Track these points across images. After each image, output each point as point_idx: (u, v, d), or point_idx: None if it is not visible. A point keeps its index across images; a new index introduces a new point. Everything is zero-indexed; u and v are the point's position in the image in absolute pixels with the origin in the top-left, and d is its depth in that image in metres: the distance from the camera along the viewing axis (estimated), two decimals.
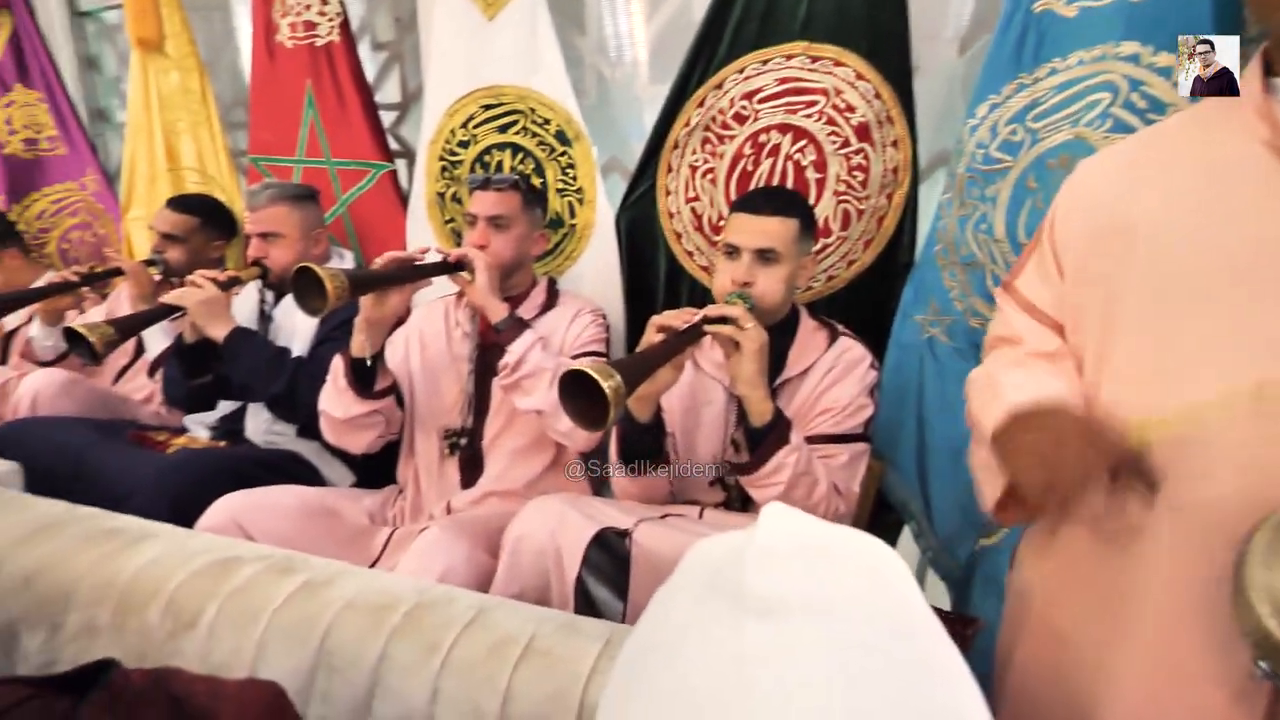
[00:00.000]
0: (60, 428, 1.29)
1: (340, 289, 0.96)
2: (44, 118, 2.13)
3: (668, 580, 0.35)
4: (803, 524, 0.32)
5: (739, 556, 0.29)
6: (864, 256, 1.37)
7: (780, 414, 0.99)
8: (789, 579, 0.28)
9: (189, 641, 0.72)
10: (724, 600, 0.28)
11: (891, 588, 0.29)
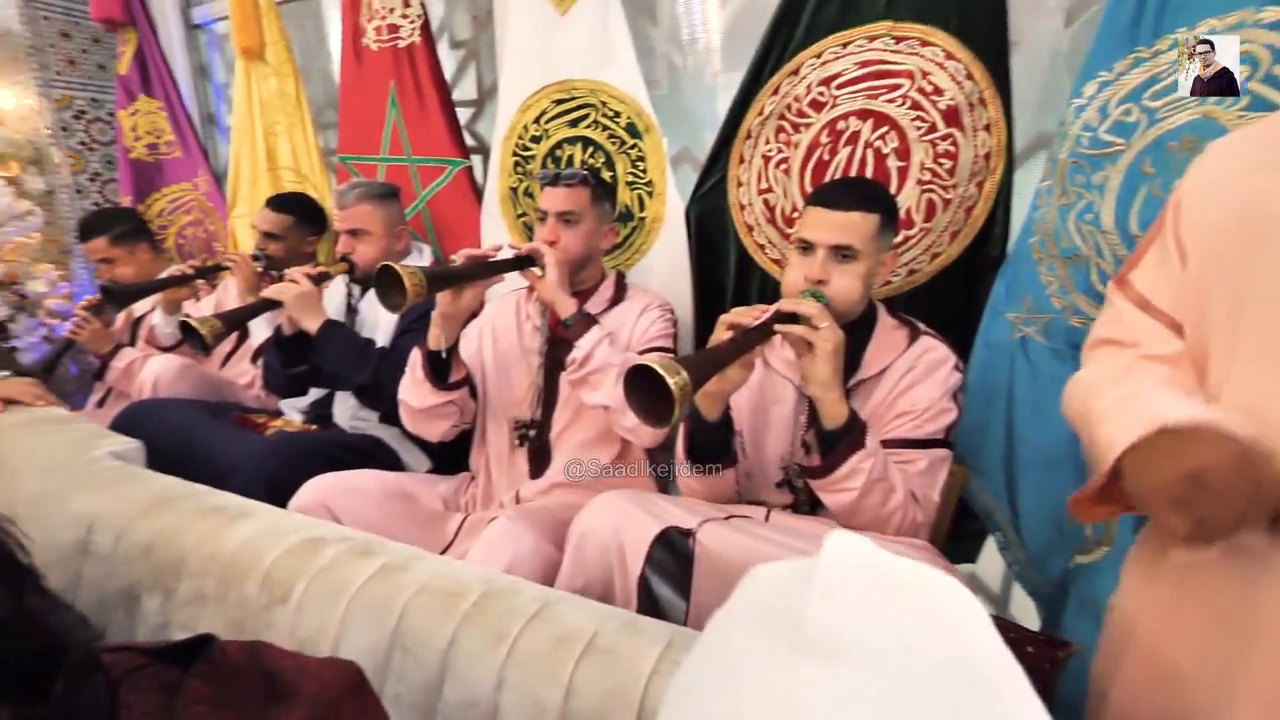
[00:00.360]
0: (176, 409, 1.43)
1: (418, 286, 1.00)
2: (163, 124, 2.33)
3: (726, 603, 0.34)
4: (871, 556, 0.30)
5: (800, 588, 0.27)
6: (949, 249, 1.29)
7: (855, 417, 0.95)
8: (852, 617, 0.26)
9: (281, 614, 0.77)
10: (782, 635, 0.27)
11: (966, 633, 0.27)
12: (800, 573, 0.30)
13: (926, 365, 1.04)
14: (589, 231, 1.29)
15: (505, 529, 0.97)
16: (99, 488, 1.00)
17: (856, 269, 1.00)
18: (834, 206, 0.99)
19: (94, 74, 2.44)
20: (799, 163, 1.38)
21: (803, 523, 1.00)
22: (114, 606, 0.89)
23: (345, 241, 1.51)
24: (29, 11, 2.27)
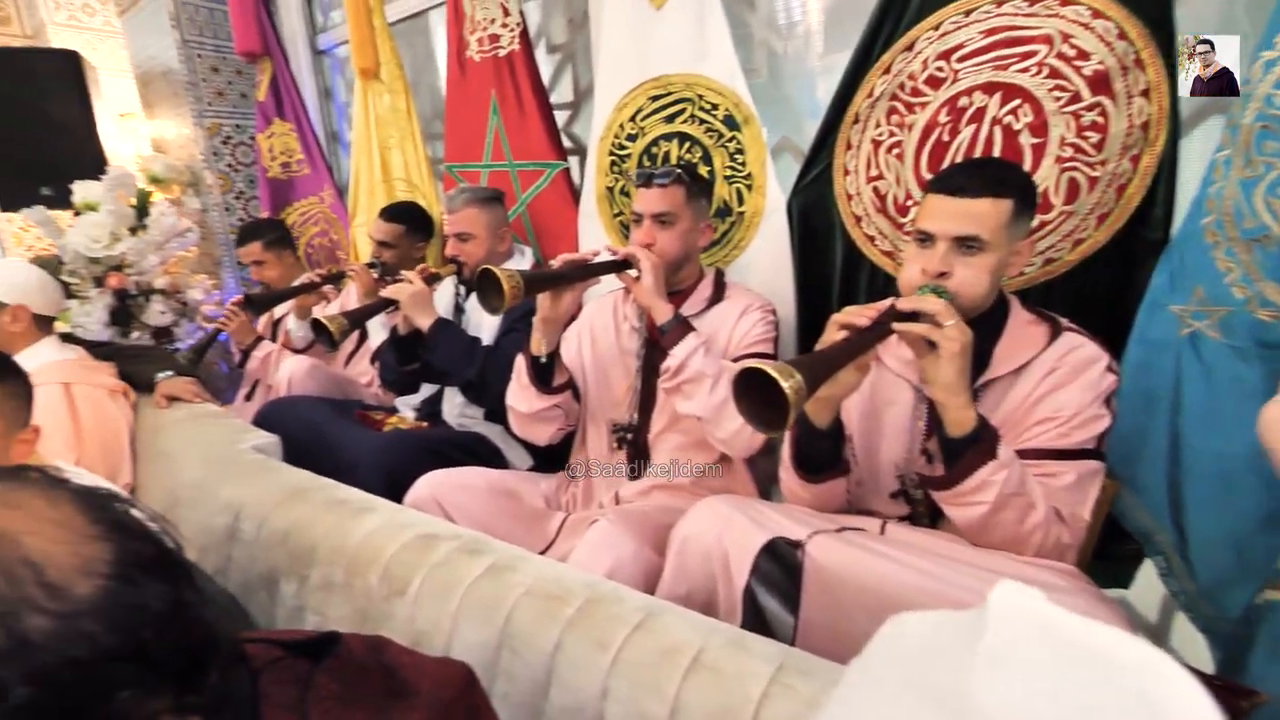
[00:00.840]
0: (307, 406, 1.56)
1: (516, 289, 1.01)
2: (294, 144, 2.55)
3: (866, 653, 0.29)
4: (1048, 617, 0.24)
5: (963, 653, 0.23)
6: (1096, 234, 1.14)
7: (985, 423, 0.85)
8: (1028, 696, 0.21)
9: (400, 606, 0.81)
10: (941, 707, 0.22)
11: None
12: (960, 631, 0.25)
13: (1073, 365, 0.92)
14: (685, 231, 1.26)
15: (607, 532, 0.96)
16: (244, 479, 1.10)
17: (984, 261, 0.90)
18: (958, 193, 0.89)
19: (238, 103, 2.72)
20: (914, 146, 1.28)
21: (923, 537, 0.92)
22: (256, 588, 0.98)
23: (453, 244, 1.58)
24: (185, 51, 2.57)
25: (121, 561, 0.35)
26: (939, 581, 0.76)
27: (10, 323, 1.41)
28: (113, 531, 0.36)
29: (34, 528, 0.33)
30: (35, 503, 0.35)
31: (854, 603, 0.80)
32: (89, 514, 0.36)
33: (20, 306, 1.42)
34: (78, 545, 0.34)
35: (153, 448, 1.45)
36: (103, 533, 0.36)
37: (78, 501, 0.36)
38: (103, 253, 2.28)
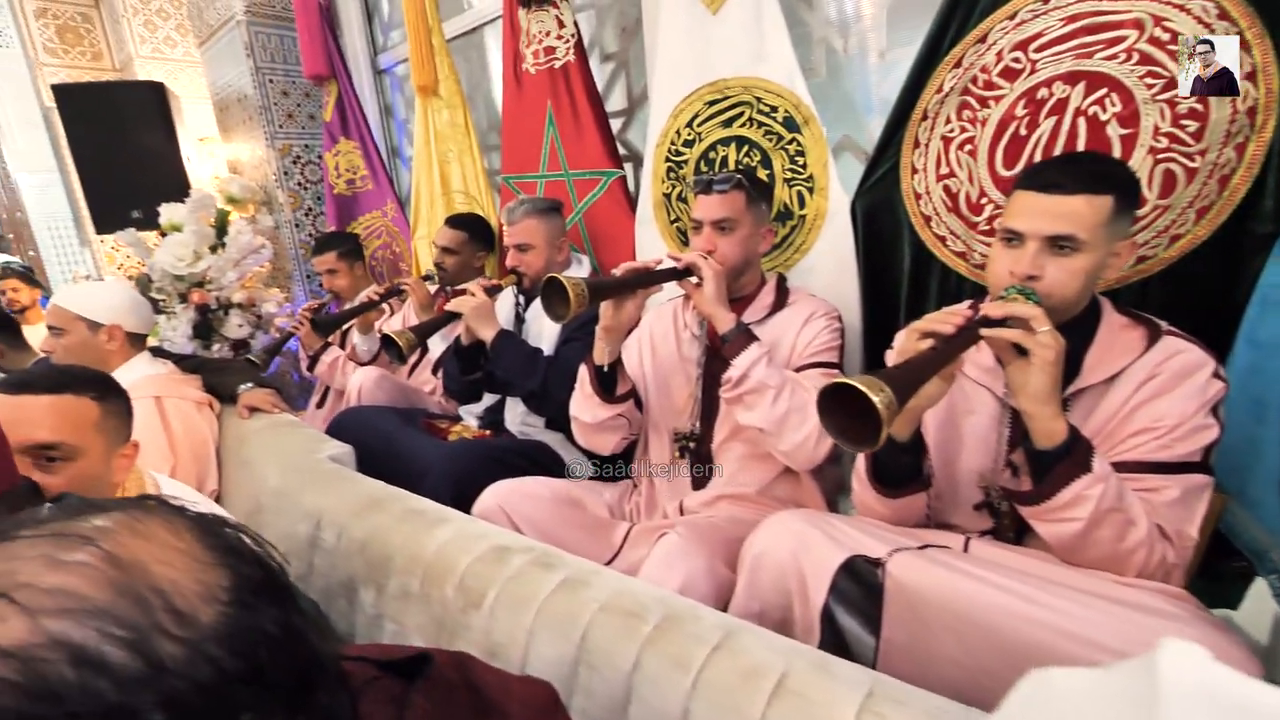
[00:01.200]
0: (377, 415, 1.61)
1: (581, 297, 1.02)
2: (358, 160, 2.66)
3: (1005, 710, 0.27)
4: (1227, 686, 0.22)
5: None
6: (1195, 230, 1.06)
7: (1077, 435, 0.80)
8: None
9: (476, 618, 0.82)
10: None
11: None
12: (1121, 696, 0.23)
13: (1175, 372, 0.86)
14: (746, 237, 1.24)
15: (677, 546, 0.95)
16: (323, 488, 1.14)
17: (1078, 262, 0.84)
18: (1052, 190, 0.84)
19: (306, 124, 2.85)
20: (988, 141, 1.22)
21: (1012, 555, 0.87)
22: (337, 595, 1.01)
23: (513, 255, 1.60)
24: (258, 77, 2.71)
25: (238, 587, 0.37)
26: (1035, 605, 0.71)
27: (106, 341, 1.52)
28: (228, 557, 0.38)
29: (161, 556, 0.35)
30: (160, 531, 0.36)
31: (941, 625, 0.77)
32: (206, 541, 0.38)
33: (115, 326, 1.52)
34: (199, 572, 0.36)
35: (237, 456, 1.53)
36: (220, 559, 0.37)
37: (195, 529, 0.38)
38: (186, 270, 2.43)
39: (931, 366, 0.76)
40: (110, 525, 0.34)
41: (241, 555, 0.39)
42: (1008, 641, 0.72)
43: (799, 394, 1.09)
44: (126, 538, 0.34)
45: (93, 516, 0.35)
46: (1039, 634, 0.70)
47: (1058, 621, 0.69)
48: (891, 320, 1.40)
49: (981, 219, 1.25)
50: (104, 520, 0.35)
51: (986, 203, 1.24)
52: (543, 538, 1.16)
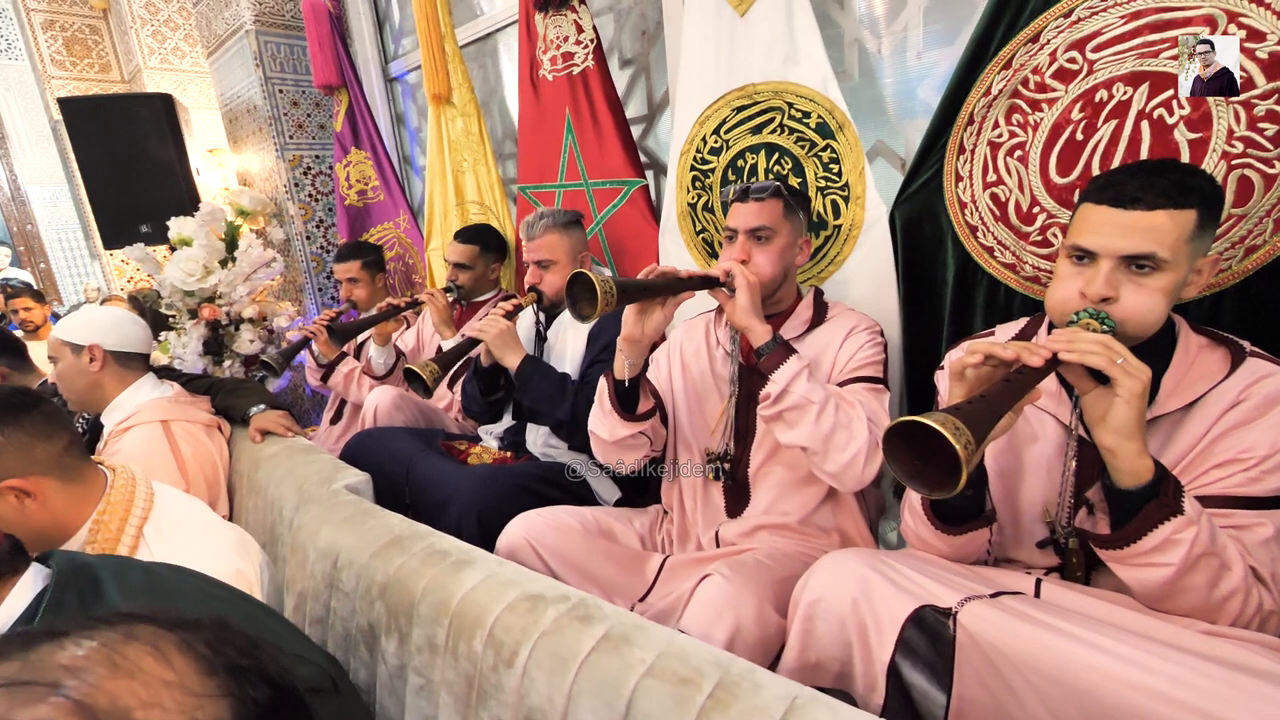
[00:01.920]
0: (395, 438, 1.55)
1: (609, 296, 0.93)
2: (369, 171, 2.61)
3: None
4: None
5: None
6: (1274, 240, 0.98)
7: (1164, 473, 0.73)
8: None
9: (509, 677, 0.75)
10: None
11: None
12: None
13: (1263, 397, 0.78)
14: (783, 248, 1.18)
15: (724, 592, 0.88)
16: (341, 523, 1.08)
17: (1159, 282, 0.77)
18: (1131, 204, 0.76)
19: (317, 134, 2.81)
20: (1040, 147, 1.15)
21: (1092, 603, 0.80)
22: (357, 643, 0.95)
23: (534, 272, 1.54)
24: (268, 88, 2.67)
25: (241, 717, 0.31)
26: (1130, 665, 0.64)
27: (89, 363, 1.44)
28: (229, 682, 0.33)
29: (146, 696, 0.29)
30: (145, 661, 0.31)
31: (1022, 682, 0.70)
32: (202, 665, 0.32)
33: (94, 345, 1.44)
34: (194, 710, 0.30)
35: (249, 481, 1.47)
36: (219, 686, 0.32)
37: (189, 652, 0.32)
38: (196, 285, 2.39)
39: (1008, 400, 0.69)
40: (83, 661, 0.28)
41: (244, 675, 0.33)
42: (1103, 707, 0.64)
43: (844, 409, 1.02)
44: (102, 676, 0.28)
45: (66, 645, 0.29)
46: (1142, 700, 0.62)
47: (1165, 688, 0.61)
48: (934, 336, 1.33)
49: (1033, 229, 1.18)
50: (77, 651, 0.29)
51: (1039, 212, 1.17)
52: (573, 573, 1.10)
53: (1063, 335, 0.75)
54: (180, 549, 0.96)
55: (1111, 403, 0.73)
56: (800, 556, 1.06)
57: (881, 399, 1.09)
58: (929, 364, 1.32)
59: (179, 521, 1.04)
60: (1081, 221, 0.82)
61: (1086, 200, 0.83)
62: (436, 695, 0.83)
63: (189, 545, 0.99)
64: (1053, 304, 0.86)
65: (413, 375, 1.29)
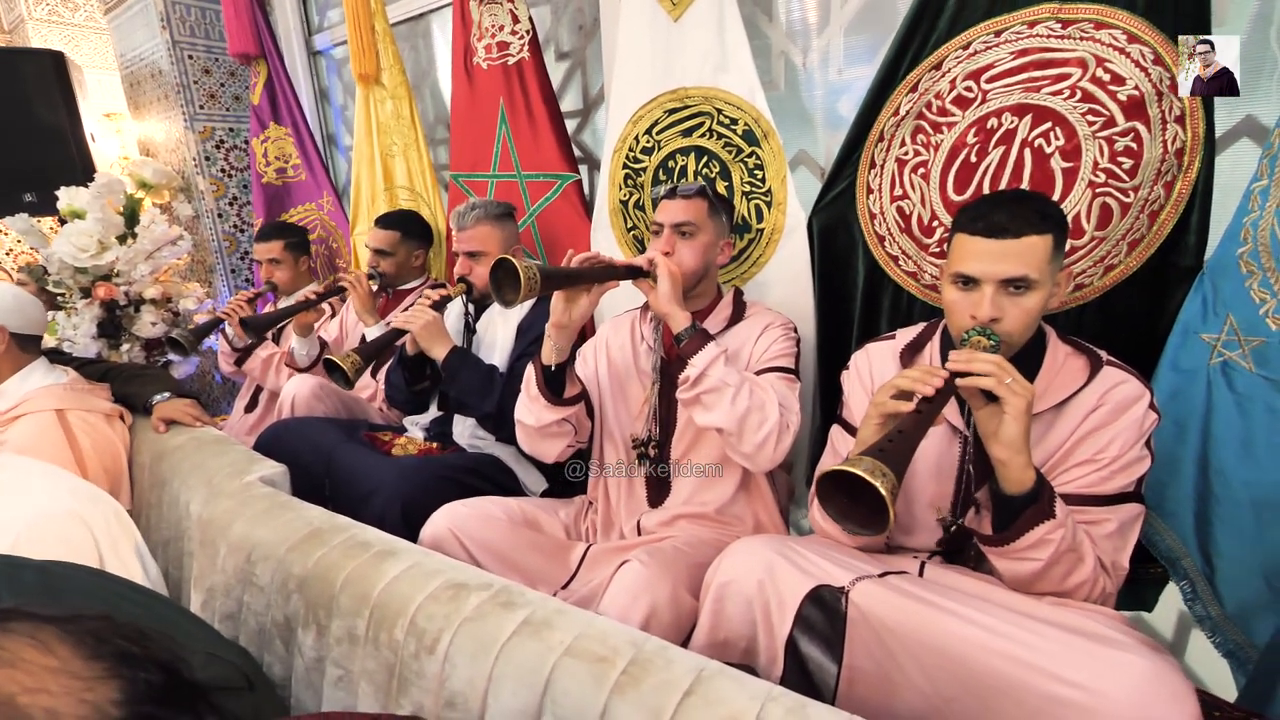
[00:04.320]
0: (315, 428, 1.51)
1: (532, 282, 0.94)
2: (290, 148, 2.48)
3: None
4: None
5: None
6: (1128, 260, 1.13)
7: (1043, 481, 0.82)
8: None
9: (430, 664, 0.77)
10: None
11: None
12: None
13: (1116, 404, 0.90)
14: (706, 245, 1.23)
15: (641, 576, 0.93)
16: (255, 516, 1.05)
17: (1033, 300, 0.87)
18: (1001, 234, 0.85)
19: (231, 106, 2.64)
20: (940, 166, 1.25)
21: (968, 581, 0.90)
22: (272, 638, 0.94)
23: (463, 262, 1.53)
24: (176, 52, 2.48)
25: (133, 699, 0.32)
26: (997, 635, 0.74)
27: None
28: (118, 665, 0.33)
29: (30, 683, 0.30)
30: (26, 652, 0.31)
31: (905, 653, 0.78)
32: (86, 650, 0.32)
33: (1, 328, 1.34)
34: (83, 692, 0.31)
35: (152, 474, 1.40)
36: (107, 669, 0.32)
37: (70, 639, 0.33)
38: (90, 262, 2.21)
39: (920, 431, 0.76)
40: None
41: (133, 660, 0.34)
42: (971, 670, 0.74)
43: (758, 392, 1.07)
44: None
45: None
46: (1000, 664, 0.72)
47: (1019, 653, 0.71)
48: (845, 336, 1.43)
49: (932, 241, 1.29)
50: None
51: (937, 225, 1.27)
52: (498, 563, 1.12)
53: (959, 358, 0.83)
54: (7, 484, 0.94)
55: (1001, 419, 0.81)
56: (715, 543, 1.12)
57: (793, 387, 1.17)
58: (840, 362, 1.42)
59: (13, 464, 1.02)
60: (961, 251, 0.91)
61: (961, 231, 0.91)
62: (356, 685, 0.83)
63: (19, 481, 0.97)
64: (952, 324, 0.95)
65: (333, 366, 1.26)
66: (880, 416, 0.86)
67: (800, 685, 0.83)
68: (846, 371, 1.14)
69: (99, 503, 1.03)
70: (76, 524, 0.95)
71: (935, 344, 1.06)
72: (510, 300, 0.96)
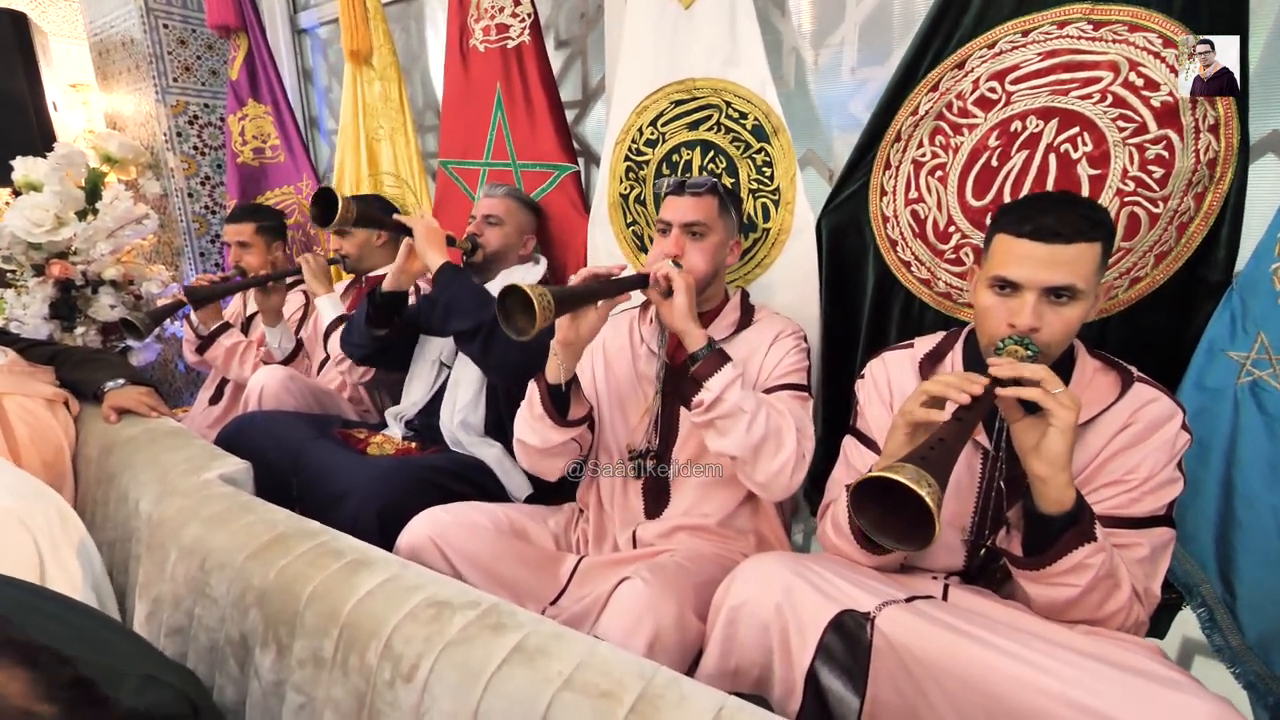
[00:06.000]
0: (283, 423, 1.39)
1: (547, 308, 0.85)
2: (269, 128, 2.36)
3: None
4: None
5: None
6: (1154, 273, 1.08)
7: (1083, 502, 0.76)
8: None
9: (406, 694, 0.68)
10: None
11: None
12: None
13: (1147, 423, 0.85)
14: (717, 246, 1.16)
15: (643, 596, 0.84)
16: (212, 518, 0.95)
17: (1076, 311, 0.81)
18: (1050, 238, 0.79)
19: (207, 80, 2.51)
20: (959, 169, 1.20)
21: (996, 608, 0.84)
22: (225, 656, 0.83)
23: (479, 224, 1.52)
24: (150, 20, 2.35)
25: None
26: (1036, 670, 0.67)
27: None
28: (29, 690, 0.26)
29: None
30: None
31: (932, 684, 0.71)
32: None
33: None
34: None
35: (101, 469, 1.27)
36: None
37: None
38: (45, 238, 2.06)
39: (961, 442, 0.70)
40: None
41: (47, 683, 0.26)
42: (1007, 707, 0.67)
43: (774, 418, 1.01)
44: None
45: None
46: (1042, 701, 0.65)
47: (1066, 691, 0.64)
48: (852, 343, 1.37)
49: (948, 247, 1.23)
50: None
51: (954, 231, 1.22)
52: (482, 575, 1.03)
53: (1004, 365, 0.77)
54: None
55: (1045, 432, 0.75)
56: (717, 559, 1.05)
57: (807, 407, 1.10)
58: (845, 369, 1.36)
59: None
60: (1004, 254, 0.84)
61: (1003, 232, 0.85)
62: (320, 716, 0.74)
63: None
64: (984, 332, 0.88)
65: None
66: (909, 426, 0.79)
67: (818, 719, 0.75)
68: (861, 380, 1.07)
69: (41, 499, 0.92)
70: (13, 525, 0.84)
71: (957, 353, 1.00)
72: (524, 330, 0.86)
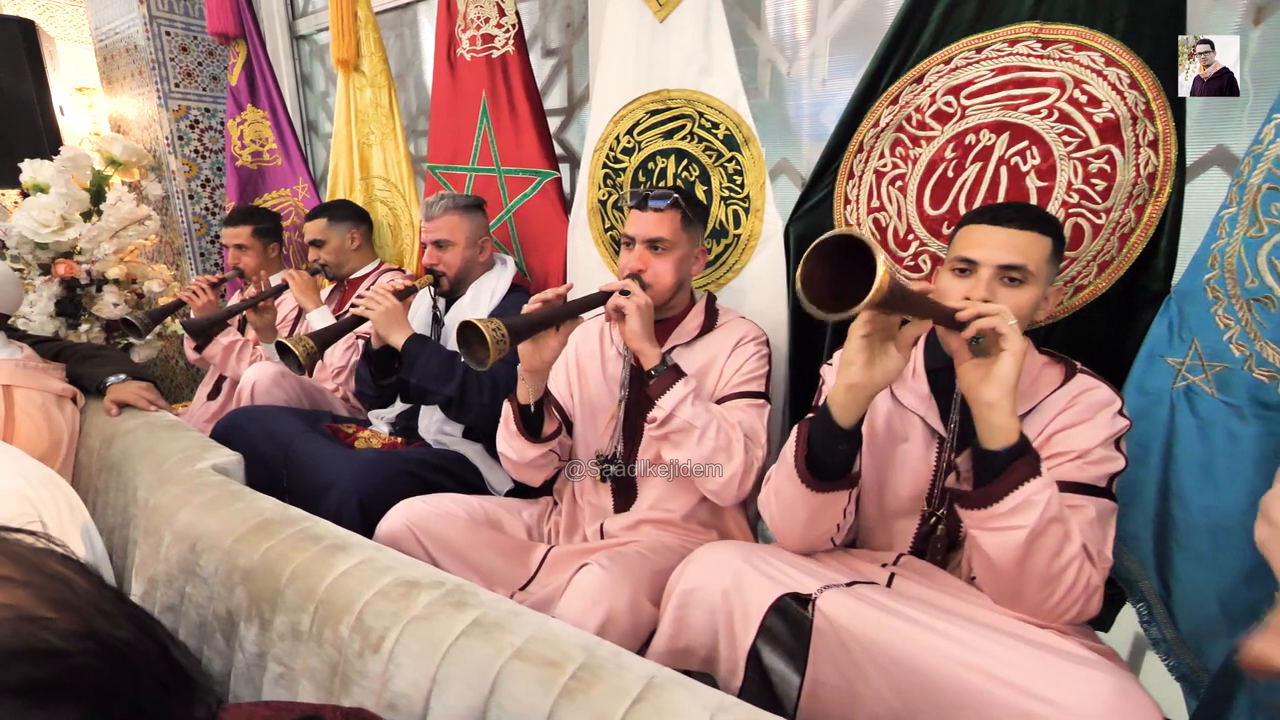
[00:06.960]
0: (275, 417, 1.46)
1: (501, 344, 0.94)
2: (267, 132, 2.43)
3: None
4: None
5: None
6: (1097, 282, 1.14)
7: (1026, 440, 0.79)
8: None
9: (374, 663, 0.74)
10: None
11: None
12: None
13: (1088, 405, 0.91)
14: (680, 259, 1.21)
15: (599, 581, 0.91)
16: (203, 505, 1.01)
17: (1026, 295, 0.88)
18: (1005, 222, 0.88)
19: (208, 85, 2.58)
20: (917, 180, 1.26)
21: (936, 594, 0.89)
22: (213, 632, 0.90)
23: (430, 252, 1.50)
24: (153, 27, 2.42)
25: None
26: (965, 648, 0.72)
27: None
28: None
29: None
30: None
31: (871, 664, 0.77)
32: None
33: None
34: None
35: (102, 459, 1.34)
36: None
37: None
38: (51, 238, 2.13)
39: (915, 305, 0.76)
40: None
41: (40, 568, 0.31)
42: (938, 684, 0.72)
43: (724, 431, 1.07)
44: None
45: None
46: (969, 677, 0.70)
47: (987, 666, 0.70)
48: (818, 345, 1.42)
49: (908, 254, 1.29)
50: None
51: (913, 239, 1.28)
52: (455, 561, 1.09)
53: (966, 310, 0.81)
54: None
55: (997, 359, 0.79)
56: (680, 549, 1.11)
57: (762, 414, 1.16)
58: (812, 371, 1.42)
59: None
60: (964, 238, 0.93)
61: (967, 223, 0.94)
62: (297, 683, 0.80)
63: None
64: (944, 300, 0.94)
65: (285, 350, 1.22)
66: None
67: (761, 696, 0.81)
68: (828, 366, 1.13)
69: (50, 485, 0.97)
70: (24, 506, 0.90)
71: (920, 344, 1.06)
72: (483, 360, 0.95)
